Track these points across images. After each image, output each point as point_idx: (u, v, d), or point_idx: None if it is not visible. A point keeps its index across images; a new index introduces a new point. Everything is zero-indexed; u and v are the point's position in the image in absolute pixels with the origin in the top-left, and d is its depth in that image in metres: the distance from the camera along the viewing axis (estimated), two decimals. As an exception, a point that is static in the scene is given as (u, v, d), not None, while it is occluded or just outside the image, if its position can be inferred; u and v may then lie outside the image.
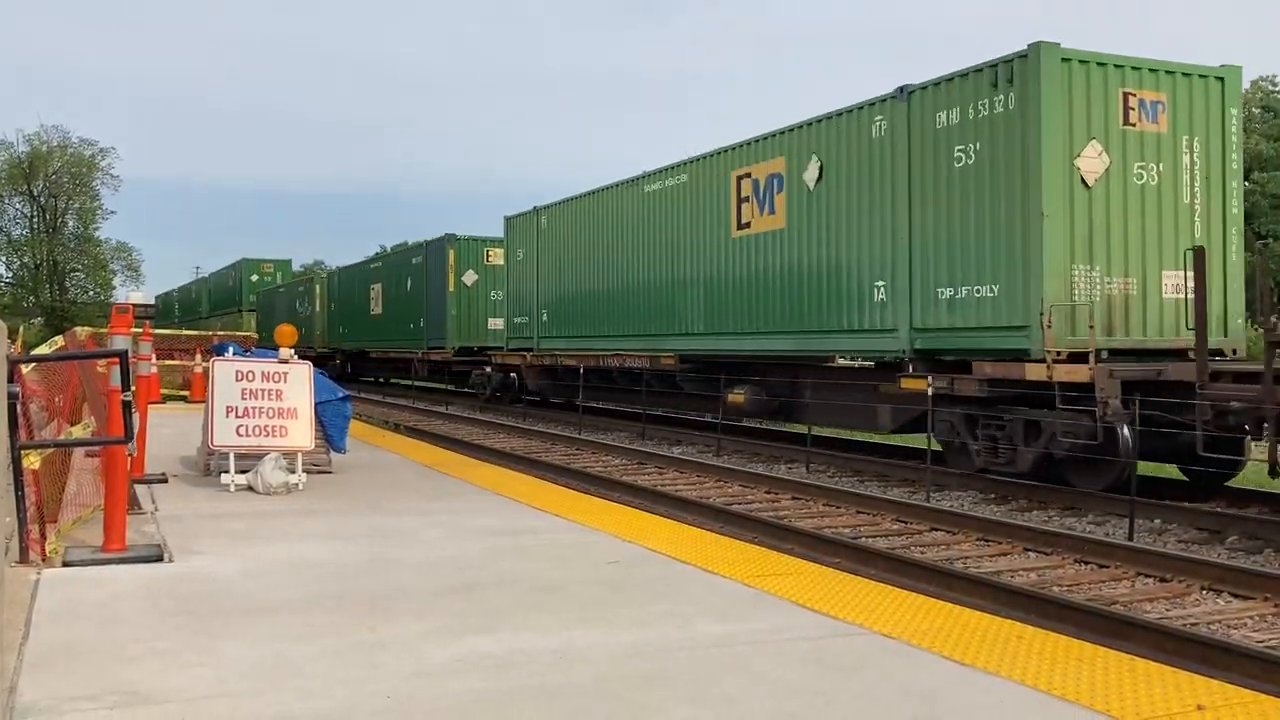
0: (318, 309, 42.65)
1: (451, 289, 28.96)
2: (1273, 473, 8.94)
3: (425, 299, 30.78)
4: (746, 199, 16.47)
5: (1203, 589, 7.62)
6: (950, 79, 12.53)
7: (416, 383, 31.56)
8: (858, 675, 4.07)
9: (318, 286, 43.76)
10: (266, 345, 16.05)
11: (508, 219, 25.73)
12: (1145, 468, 11.34)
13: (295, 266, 67.18)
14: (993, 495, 11.88)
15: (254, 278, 56.01)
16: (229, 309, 57.20)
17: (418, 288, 31.45)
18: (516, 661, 4.20)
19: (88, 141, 64.53)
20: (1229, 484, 11.45)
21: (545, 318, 23.73)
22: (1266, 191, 38.25)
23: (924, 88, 12.90)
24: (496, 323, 27.46)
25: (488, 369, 26.62)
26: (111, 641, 4.45)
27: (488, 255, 29.17)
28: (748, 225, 16.45)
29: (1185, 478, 11.63)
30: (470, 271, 29.26)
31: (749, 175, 16.41)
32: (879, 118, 13.63)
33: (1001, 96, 11.78)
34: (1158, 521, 10.10)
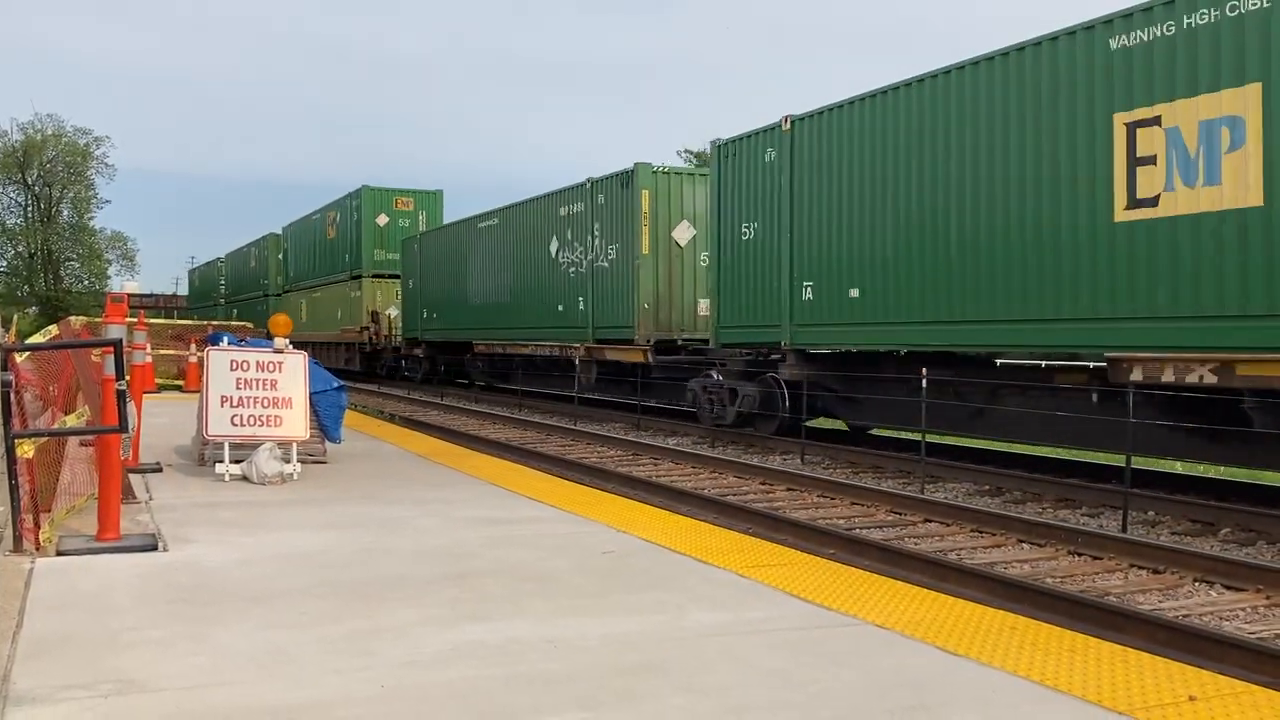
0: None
1: (645, 250, 19.18)
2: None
3: (587, 268, 21.04)
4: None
5: (1195, 581, 7.65)
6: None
7: (581, 395, 21.17)
8: (851, 665, 4.08)
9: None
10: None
11: (720, 145, 16.96)
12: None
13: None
14: (987, 487, 11.90)
15: (380, 220, 35.32)
16: (334, 274, 37.91)
17: (576, 248, 21.52)
18: (510, 650, 4.21)
19: (82, 130, 64.35)
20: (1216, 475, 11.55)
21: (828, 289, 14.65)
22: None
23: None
24: (703, 306, 18.76)
25: (715, 376, 17.20)
26: (105, 630, 4.45)
27: (692, 199, 19.46)
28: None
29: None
30: (685, 224, 19.50)
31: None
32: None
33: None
34: (1151, 513, 10.12)
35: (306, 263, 42.07)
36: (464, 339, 28.14)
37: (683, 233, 19.56)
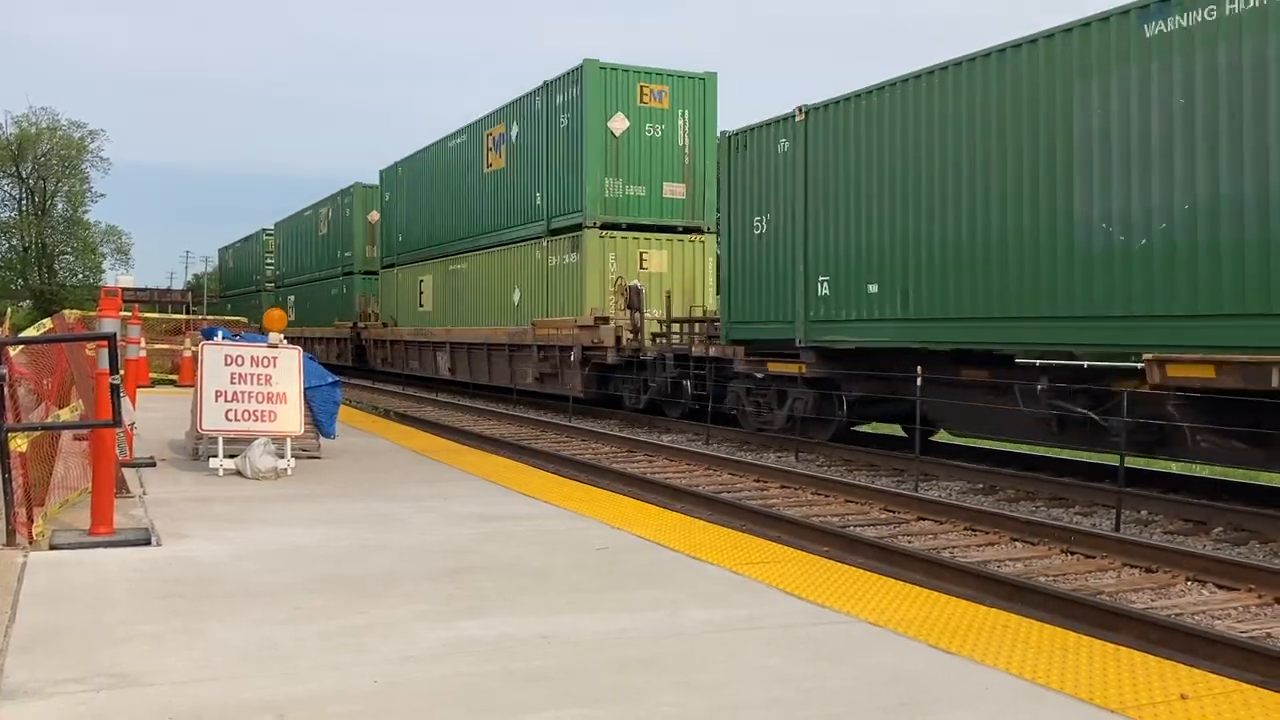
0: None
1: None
2: None
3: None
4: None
5: (1188, 580, 7.67)
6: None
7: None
8: (844, 662, 4.09)
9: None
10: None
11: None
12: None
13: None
14: (980, 486, 11.92)
15: (615, 125, 21.12)
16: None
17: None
18: (504, 646, 4.21)
19: (77, 124, 64.23)
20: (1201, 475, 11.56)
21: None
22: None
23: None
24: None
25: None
26: (98, 624, 4.45)
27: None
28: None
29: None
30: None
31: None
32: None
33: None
34: (1144, 513, 10.15)
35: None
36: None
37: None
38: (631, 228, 20.85)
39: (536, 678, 3.84)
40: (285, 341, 9.53)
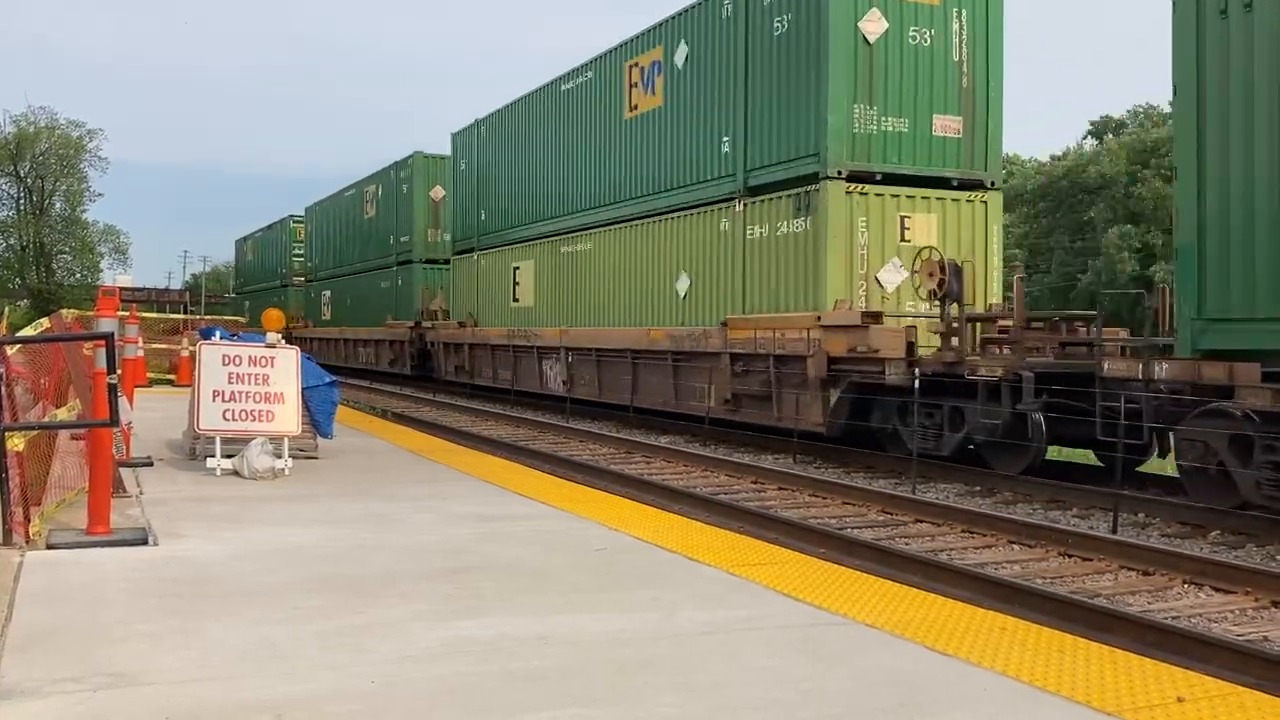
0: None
1: None
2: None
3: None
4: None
5: (1185, 583, 7.67)
6: None
7: None
8: (841, 664, 4.09)
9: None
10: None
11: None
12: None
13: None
14: (978, 488, 11.92)
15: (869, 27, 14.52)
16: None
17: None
18: (502, 646, 4.21)
19: (75, 123, 64.22)
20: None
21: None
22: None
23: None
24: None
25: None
26: (96, 624, 4.44)
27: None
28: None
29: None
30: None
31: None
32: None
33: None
34: (1141, 515, 10.15)
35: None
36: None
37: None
38: (888, 180, 14.47)
39: (534, 678, 3.84)
40: (283, 341, 9.54)
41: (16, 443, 6.17)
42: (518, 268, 23.76)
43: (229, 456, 8.86)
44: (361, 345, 33.16)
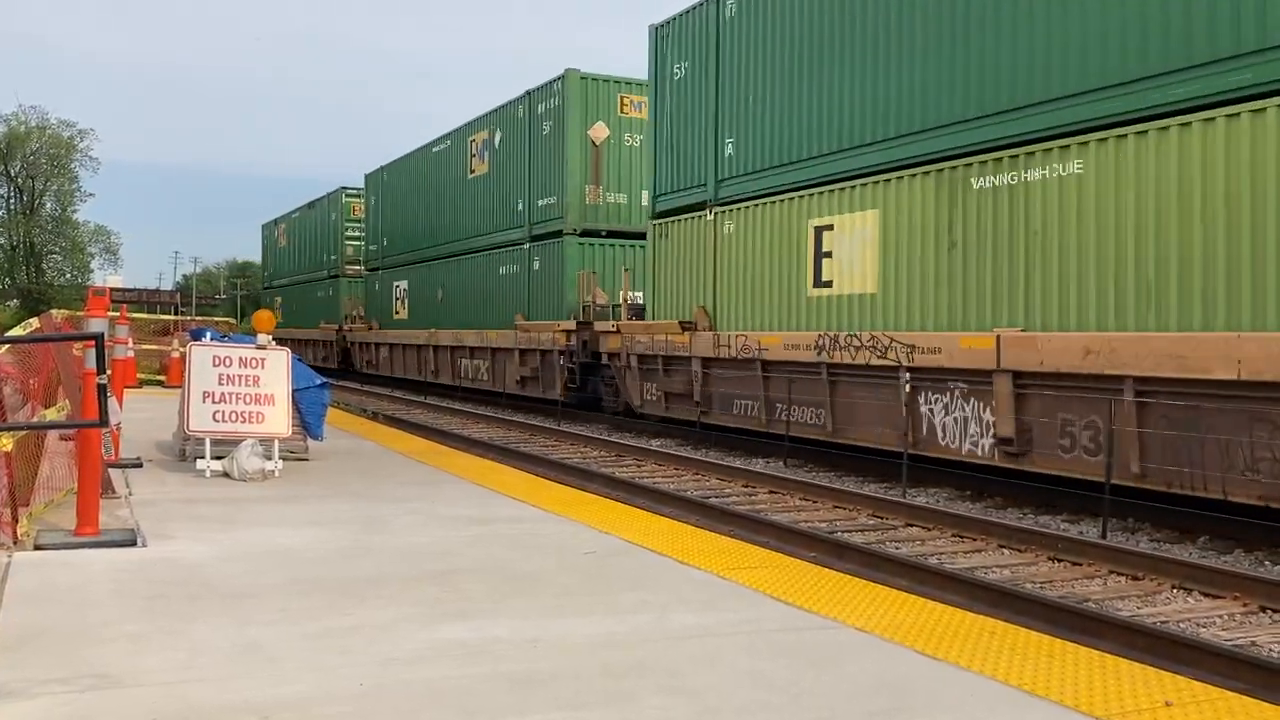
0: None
1: None
2: None
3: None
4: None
5: (1174, 587, 7.69)
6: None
7: None
8: (831, 667, 4.09)
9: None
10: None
11: None
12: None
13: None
14: (968, 492, 11.95)
15: None
16: None
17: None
18: (491, 649, 4.20)
19: (66, 123, 64.00)
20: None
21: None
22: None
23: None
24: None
25: None
26: (83, 625, 4.43)
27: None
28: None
29: None
30: None
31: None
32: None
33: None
34: (1131, 520, 10.18)
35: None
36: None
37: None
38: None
39: (524, 681, 3.83)
40: (274, 343, 9.52)
41: (5, 443, 6.15)
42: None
43: (219, 458, 8.84)
44: (465, 356, 25.42)
